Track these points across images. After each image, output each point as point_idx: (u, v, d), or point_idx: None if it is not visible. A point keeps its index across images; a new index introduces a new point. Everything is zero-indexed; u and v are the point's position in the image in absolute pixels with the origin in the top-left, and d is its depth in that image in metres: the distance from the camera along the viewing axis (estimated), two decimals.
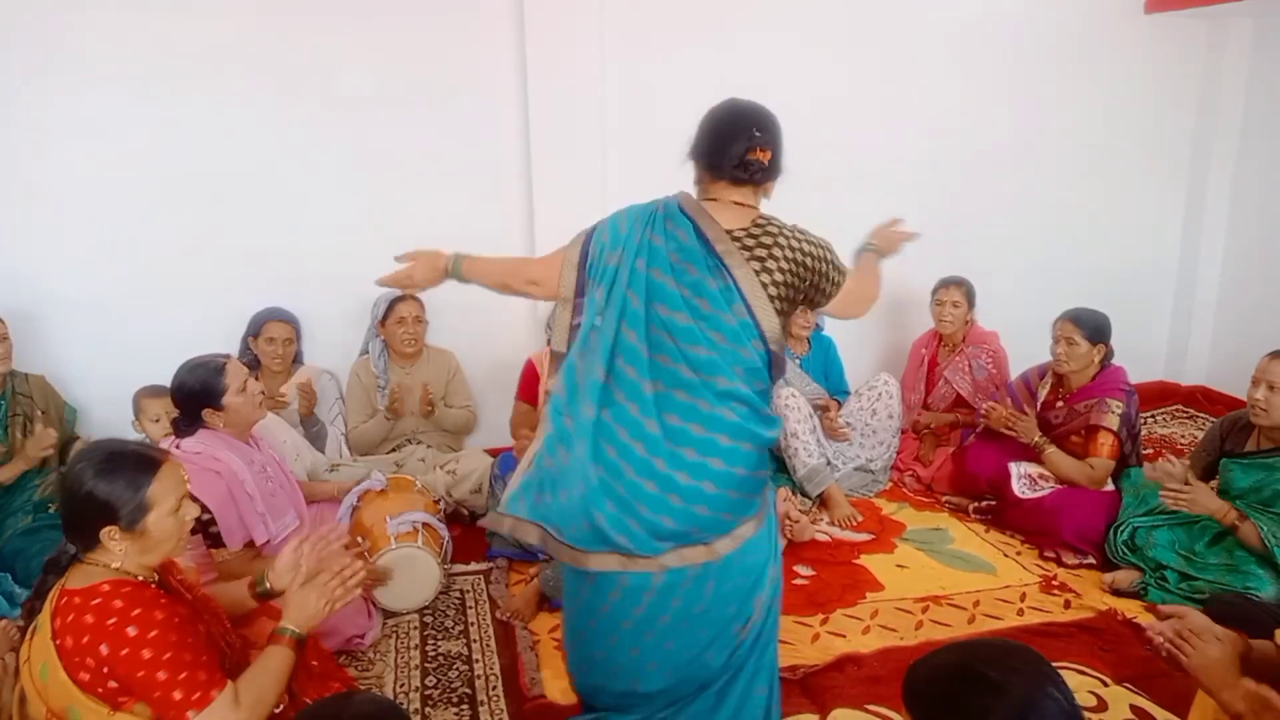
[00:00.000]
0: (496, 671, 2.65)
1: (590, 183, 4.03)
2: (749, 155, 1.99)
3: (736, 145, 1.98)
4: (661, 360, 1.93)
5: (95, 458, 1.75)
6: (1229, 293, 5.07)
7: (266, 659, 1.81)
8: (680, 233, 1.98)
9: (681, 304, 1.93)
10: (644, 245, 1.98)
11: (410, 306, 3.82)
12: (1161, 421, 4.94)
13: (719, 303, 1.93)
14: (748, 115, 2.03)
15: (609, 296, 1.97)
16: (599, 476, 1.91)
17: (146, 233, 3.72)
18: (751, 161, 1.99)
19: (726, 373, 1.92)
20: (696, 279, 1.94)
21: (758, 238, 1.98)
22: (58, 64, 3.51)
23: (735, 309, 1.93)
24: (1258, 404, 2.89)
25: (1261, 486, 2.90)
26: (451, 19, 3.86)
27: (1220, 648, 1.73)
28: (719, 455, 1.92)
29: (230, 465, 2.63)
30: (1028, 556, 3.33)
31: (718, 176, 2.02)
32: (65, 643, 1.66)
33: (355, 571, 1.95)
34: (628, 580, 1.97)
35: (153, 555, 1.78)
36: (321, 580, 1.90)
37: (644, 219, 2.02)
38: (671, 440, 1.91)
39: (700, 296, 1.94)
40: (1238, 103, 4.87)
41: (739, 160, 1.98)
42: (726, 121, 2.03)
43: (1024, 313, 4.10)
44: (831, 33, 4.26)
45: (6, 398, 3.23)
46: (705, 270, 1.95)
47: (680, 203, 2.03)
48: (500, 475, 3.34)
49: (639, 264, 1.96)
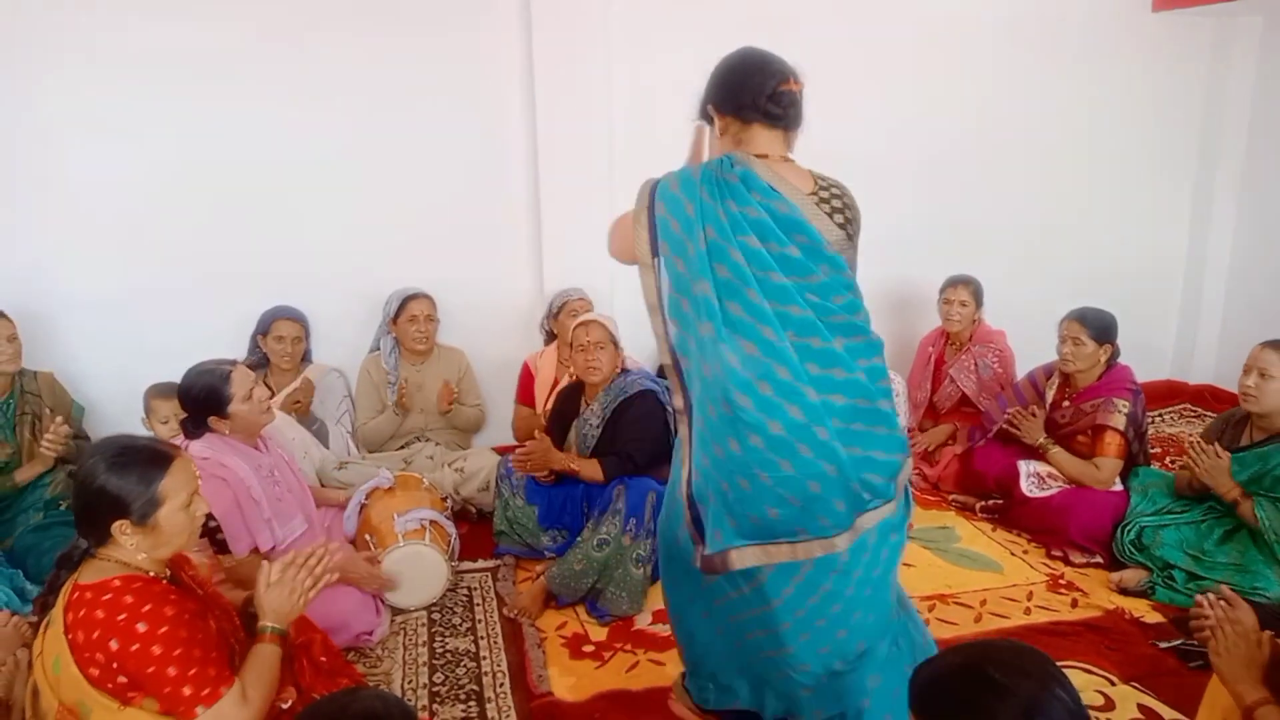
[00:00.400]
0: (504, 668, 2.66)
1: (596, 182, 4.03)
2: (781, 88, 1.86)
3: (768, 80, 1.86)
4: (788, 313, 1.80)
5: (108, 452, 1.76)
6: (1236, 291, 5.06)
7: (258, 656, 1.83)
8: (775, 203, 1.82)
9: (810, 269, 1.82)
10: (737, 220, 1.80)
11: (422, 304, 3.84)
12: (1169, 421, 4.93)
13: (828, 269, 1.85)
14: (768, 54, 1.92)
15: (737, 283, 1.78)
16: (825, 436, 1.77)
17: (157, 231, 3.75)
18: (784, 94, 1.86)
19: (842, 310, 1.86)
20: (805, 245, 1.83)
21: (829, 198, 1.90)
22: (70, 64, 3.54)
23: (833, 269, 1.86)
24: (1249, 390, 2.95)
25: (1261, 475, 2.93)
26: (460, 22, 3.88)
27: (1255, 649, 1.73)
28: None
29: (237, 472, 2.63)
30: (1035, 555, 3.33)
31: (750, 119, 1.88)
32: (77, 637, 1.67)
33: (320, 559, 1.93)
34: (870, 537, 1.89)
35: (164, 550, 1.80)
36: (289, 576, 1.89)
37: (713, 190, 1.82)
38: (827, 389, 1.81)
39: (812, 270, 1.83)
40: (1245, 100, 4.86)
41: (772, 93, 1.85)
42: (749, 60, 1.91)
43: (1030, 311, 4.10)
44: (836, 32, 4.25)
45: (15, 396, 3.25)
46: (809, 235, 1.83)
47: (751, 171, 1.84)
48: (506, 474, 3.34)
49: (750, 241, 1.79)
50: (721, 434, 1.80)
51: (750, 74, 1.88)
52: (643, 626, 2.87)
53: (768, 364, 1.76)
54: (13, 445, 3.20)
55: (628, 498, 2.96)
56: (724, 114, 1.92)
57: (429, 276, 3.98)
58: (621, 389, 3.23)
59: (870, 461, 1.84)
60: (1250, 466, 2.97)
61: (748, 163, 1.86)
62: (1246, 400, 2.97)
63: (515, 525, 3.29)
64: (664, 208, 1.83)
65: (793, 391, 1.76)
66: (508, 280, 4.20)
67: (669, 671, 2.62)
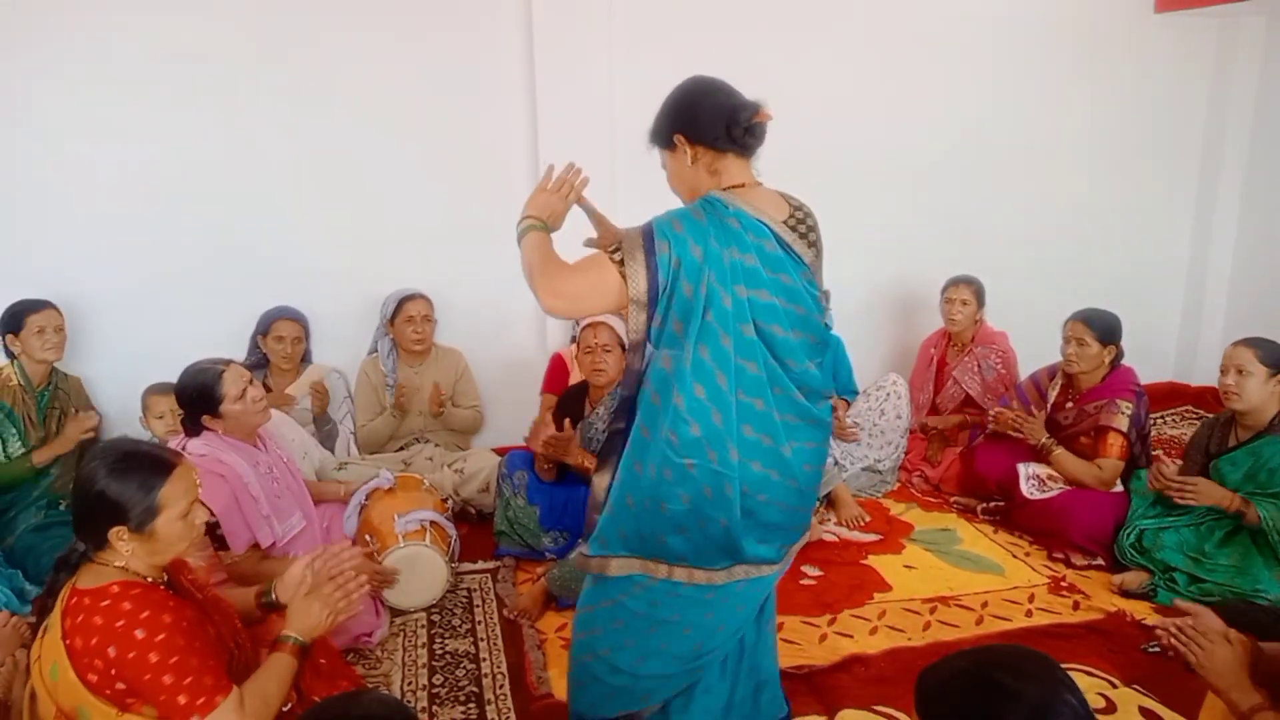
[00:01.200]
0: (504, 670, 2.65)
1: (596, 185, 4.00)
2: (755, 119, 1.90)
3: (742, 112, 1.89)
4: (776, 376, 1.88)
5: (109, 457, 1.75)
6: (1239, 293, 5.05)
7: (271, 666, 1.82)
8: (765, 243, 1.86)
9: (781, 316, 1.86)
10: (735, 267, 1.83)
11: (419, 305, 3.83)
12: (1171, 422, 4.92)
13: (804, 300, 1.89)
14: (729, 85, 1.94)
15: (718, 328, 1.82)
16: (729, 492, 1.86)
17: (156, 233, 3.74)
18: (758, 125, 1.91)
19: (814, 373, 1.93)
20: (787, 285, 1.87)
21: (801, 220, 1.94)
22: (71, 67, 3.54)
23: (809, 299, 1.91)
24: (1229, 389, 2.97)
25: (1255, 472, 2.95)
26: (460, 22, 3.87)
27: (1229, 649, 1.72)
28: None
29: (235, 468, 2.64)
30: (1036, 557, 3.32)
31: (724, 149, 1.91)
32: (75, 643, 1.66)
33: (360, 584, 1.96)
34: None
35: (160, 557, 1.79)
36: (325, 591, 1.90)
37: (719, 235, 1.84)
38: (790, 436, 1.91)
39: (793, 302, 1.88)
40: (1248, 102, 4.85)
41: (748, 125, 1.89)
42: (719, 91, 1.93)
43: (1033, 313, 4.09)
44: (840, 33, 4.25)
45: (50, 389, 3.32)
46: (790, 271, 1.88)
47: (744, 211, 1.87)
48: (507, 474, 3.33)
49: (739, 291, 1.83)
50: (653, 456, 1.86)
51: (723, 106, 1.90)
52: None
53: (708, 409, 1.82)
54: (41, 433, 3.25)
55: None
56: (695, 143, 1.93)
57: (428, 277, 3.97)
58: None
59: (760, 531, 1.91)
60: (1243, 464, 2.97)
61: (737, 201, 1.89)
62: (1229, 399, 2.99)
63: (516, 526, 3.28)
64: (667, 247, 1.83)
65: (720, 441, 1.82)
66: (507, 281, 4.15)
67: None
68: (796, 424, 1.91)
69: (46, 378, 3.32)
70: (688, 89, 1.97)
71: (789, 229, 1.91)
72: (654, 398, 1.87)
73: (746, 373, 1.84)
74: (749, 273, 1.84)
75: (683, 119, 1.95)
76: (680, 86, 1.98)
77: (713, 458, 1.83)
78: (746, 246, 1.84)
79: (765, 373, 1.86)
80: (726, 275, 1.82)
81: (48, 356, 3.27)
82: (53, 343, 3.27)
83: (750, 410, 1.85)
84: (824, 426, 1.99)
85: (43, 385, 3.30)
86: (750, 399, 1.85)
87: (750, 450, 1.86)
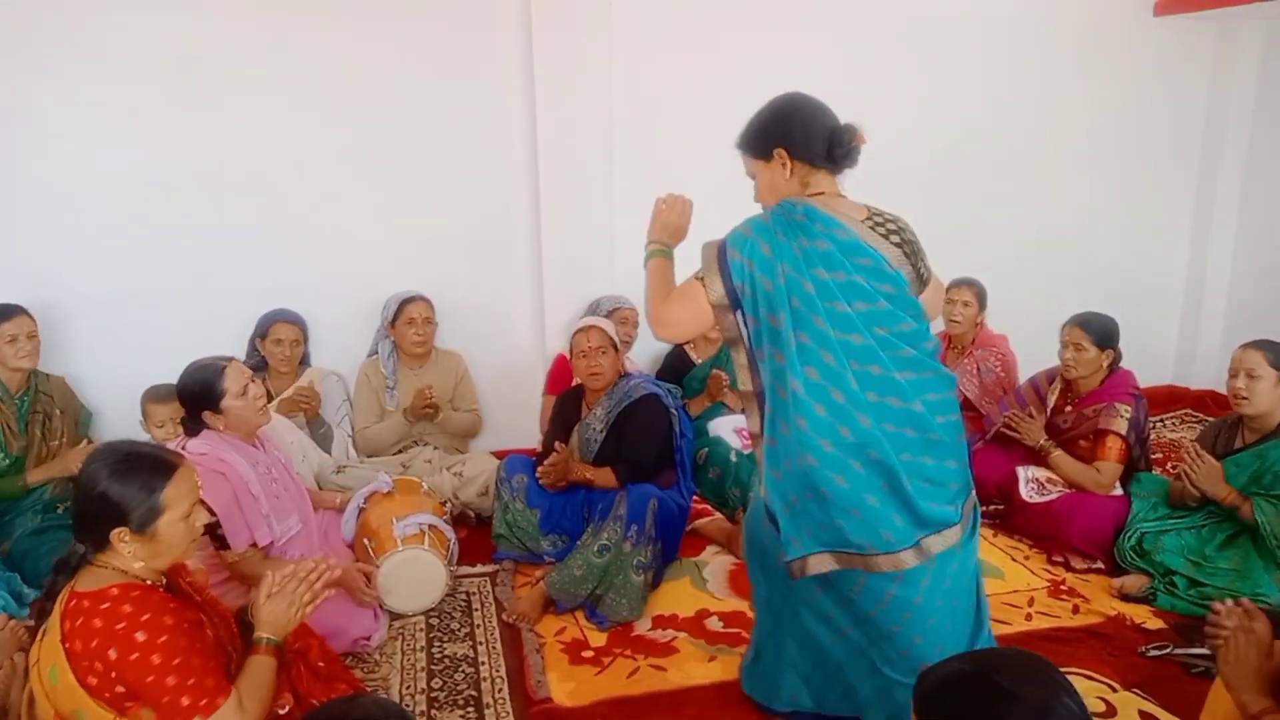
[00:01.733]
0: (503, 674, 2.65)
1: (596, 184, 4.04)
2: (854, 142, 2.08)
3: (844, 135, 2.06)
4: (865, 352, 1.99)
5: (111, 458, 1.74)
6: (1238, 296, 5.05)
7: (253, 668, 1.81)
8: (835, 231, 2.00)
9: (868, 291, 1.99)
10: (807, 254, 1.98)
11: (420, 308, 3.83)
12: (1170, 426, 4.92)
13: (889, 278, 2.01)
14: (824, 104, 2.11)
15: (807, 312, 1.97)
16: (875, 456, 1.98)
17: (155, 235, 3.74)
18: (856, 148, 2.09)
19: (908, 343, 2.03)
20: (866, 265, 2.00)
21: (882, 222, 2.07)
22: (69, 66, 3.53)
23: (895, 277, 2.02)
24: (1239, 392, 2.96)
25: (1260, 475, 2.94)
26: (460, 24, 3.87)
27: (1264, 662, 1.72)
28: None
29: (235, 466, 2.64)
30: (1036, 561, 3.32)
31: (818, 165, 2.08)
32: (74, 646, 1.66)
33: (320, 574, 1.93)
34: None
35: (162, 559, 1.78)
36: (289, 589, 1.89)
37: (786, 231, 2.01)
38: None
39: (877, 280, 2.00)
40: (1247, 106, 4.86)
41: (847, 148, 2.07)
42: (822, 114, 2.09)
43: (1031, 316, 4.08)
44: (838, 36, 4.26)
45: (30, 394, 3.29)
46: (870, 255, 2.01)
47: (812, 206, 2.03)
48: (506, 478, 3.33)
49: (818, 273, 1.97)
50: (790, 452, 2.00)
51: (826, 128, 2.07)
52: (642, 632, 2.86)
53: (825, 386, 1.96)
54: (24, 440, 3.22)
55: (629, 504, 2.95)
56: (795, 158, 2.08)
57: (428, 279, 3.97)
58: (625, 393, 3.22)
59: (923, 486, 2.00)
60: (1248, 467, 2.97)
61: (808, 201, 2.04)
62: (1239, 403, 2.98)
63: (515, 529, 3.28)
64: (737, 253, 2.02)
65: (846, 414, 1.95)
66: (507, 283, 4.19)
67: (670, 677, 2.62)
68: (920, 378, 2.02)
69: (25, 382, 3.27)
70: (793, 107, 2.11)
71: (867, 228, 2.05)
72: (780, 391, 2.01)
73: (852, 344, 1.97)
74: (824, 256, 1.98)
75: (787, 135, 2.09)
76: (782, 103, 2.12)
77: (845, 432, 1.95)
78: (815, 234, 1.99)
79: (873, 339, 1.98)
80: (800, 262, 1.97)
81: (21, 365, 3.22)
82: (26, 350, 3.21)
83: (869, 377, 1.97)
84: (948, 378, 2.11)
85: (21, 391, 3.26)
86: (866, 366, 1.97)
87: (880, 413, 1.97)
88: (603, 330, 3.24)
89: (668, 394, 3.29)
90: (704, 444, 3.76)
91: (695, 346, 4.12)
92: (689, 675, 2.63)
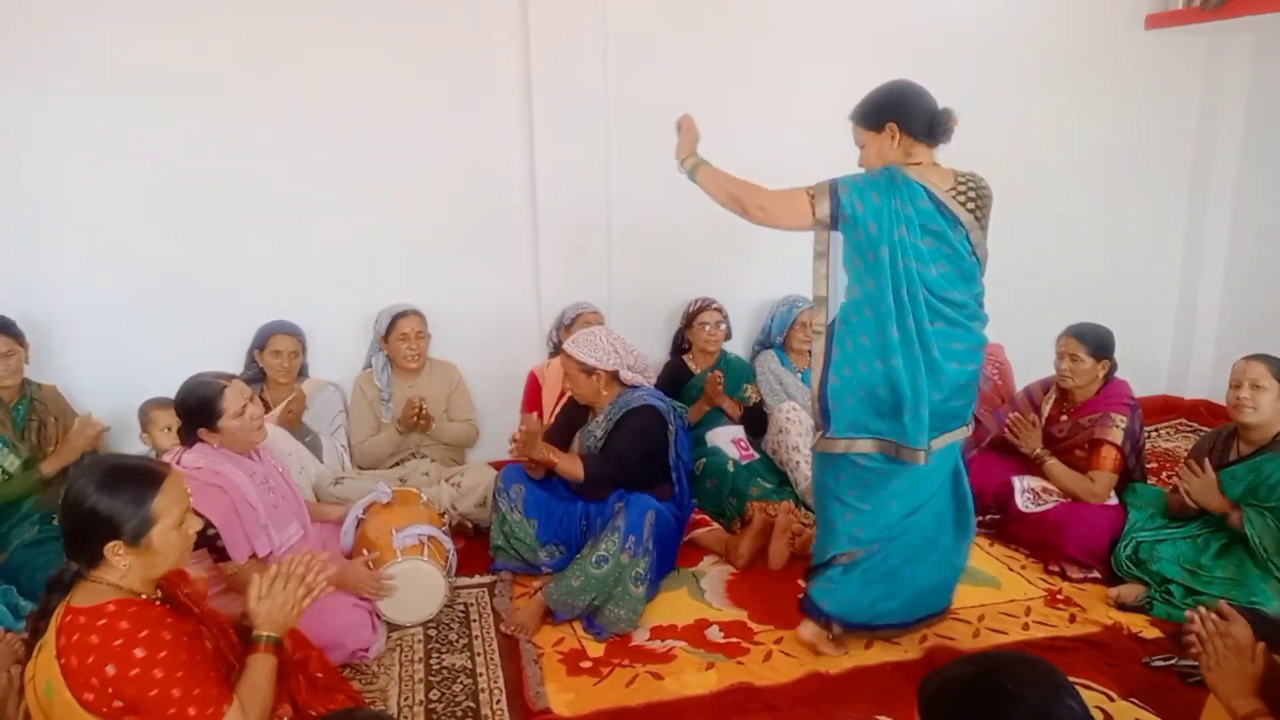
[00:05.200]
0: (501, 685, 2.65)
1: (593, 194, 4.05)
2: (953, 123, 2.52)
3: (945, 115, 2.50)
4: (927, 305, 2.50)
5: (97, 473, 1.74)
6: (1231, 306, 5.08)
7: (253, 667, 1.82)
8: (919, 200, 2.45)
9: (927, 254, 2.48)
10: (898, 214, 2.43)
11: (413, 322, 3.83)
12: (1164, 436, 4.93)
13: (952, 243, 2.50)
14: (926, 90, 2.54)
15: (878, 263, 2.44)
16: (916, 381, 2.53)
17: (152, 246, 3.74)
18: (951, 127, 2.52)
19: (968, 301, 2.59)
20: (936, 230, 2.47)
21: (963, 190, 2.52)
22: (64, 79, 3.54)
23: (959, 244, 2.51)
24: (1244, 402, 2.98)
25: (1256, 487, 2.96)
26: (457, 34, 3.89)
27: (1248, 665, 1.72)
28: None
29: (232, 478, 2.64)
30: (1032, 570, 3.33)
31: (920, 140, 2.51)
32: (70, 662, 1.66)
33: (314, 570, 1.93)
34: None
35: (157, 570, 1.79)
36: (277, 589, 1.89)
37: (886, 190, 2.44)
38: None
39: (942, 243, 2.49)
40: (1238, 118, 4.89)
41: (947, 127, 2.51)
42: (927, 96, 2.52)
43: (1025, 326, 4.10)
44: (830, 48, 4.27)
45: (26, 402, 3.32)
46: (941, 223, 2.48)
47: (909, 175, 2.47)
48: (504, 488, 3.33)
49: (900, 231, 2.42)
50: (867, 356, 2.51)
51: (931, 109, 2.51)
52: (641, 642, 2.86)
53: (874, 323, 2.49)
54: (26, 445, 3.25)
55: (627, 515, 2.95)
56: (904, 132, 2.51)
57: (426, 290, 3.98)
58: (626, 403, 3.23)
59: (941, 410, 2.57)
60: (1243, 479, 2.98)
61: (905, 169, 2.49)
62: (1242, 412, 2.99)
63: (513, 540, 3.28)
64: (849, 192, 2.46)
65: (894, 347, 2.47)
66: (505, 294, 4.20)
67: (668, 687, 2.62)
68: (943, 329, 2.52)
69: (19, 392, 3.31)
70: (904, 90, 2.55)
71: (950, 196, 2.50)
72: (852, 316, 2.52)
73: (902, 296, 2.45)
74: (907, 220, 2.44)
75: (899, 112, 2.52)
76: (895, 85, 2.56)
77: (879, 364, 2.49)
78: (905, 200, 2.44)
79: (920, 292, 2.46)
80: (891, 219, 2.43)
81: (4, 381, 3.25)
82: (11, 367, 3.25)
83: (905, 322, 2.46)
84: (971, 331, 2.60)
85: (16, 400, 3.30)
86: (908, 316, 2.46)
87: (907, 352, 2.47)
88: (569, 357, 3.23)
89: (670, 410, 3.29)
90: (701, 454, 3.76)
91: (694, 359, 4.13)
92: (687, 685, 2.63)
